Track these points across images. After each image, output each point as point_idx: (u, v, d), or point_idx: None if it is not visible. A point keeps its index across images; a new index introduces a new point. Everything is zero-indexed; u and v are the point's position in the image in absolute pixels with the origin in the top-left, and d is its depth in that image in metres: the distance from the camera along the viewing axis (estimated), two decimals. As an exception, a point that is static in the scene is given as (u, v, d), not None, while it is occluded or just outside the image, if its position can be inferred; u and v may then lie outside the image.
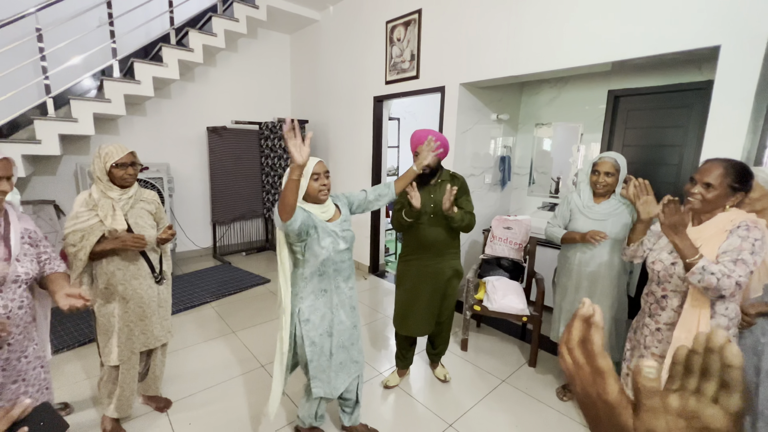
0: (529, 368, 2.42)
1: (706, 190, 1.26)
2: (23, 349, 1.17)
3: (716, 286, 1.15)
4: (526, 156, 3.78)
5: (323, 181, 1.46)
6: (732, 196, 1.25)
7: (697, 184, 1.28)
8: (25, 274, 1.15)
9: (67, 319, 2.85)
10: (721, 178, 1.24)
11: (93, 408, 1.96)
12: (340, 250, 1.51)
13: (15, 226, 1.16)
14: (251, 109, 4.79)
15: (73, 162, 3.60)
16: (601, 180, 1.91)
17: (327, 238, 1.47)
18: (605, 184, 1.91)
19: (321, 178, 1.46)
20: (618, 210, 1.91)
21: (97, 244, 1.52)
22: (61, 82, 3.16)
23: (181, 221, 4.44)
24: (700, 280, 1.17)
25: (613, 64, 2.27)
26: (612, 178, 1.90)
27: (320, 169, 1.46)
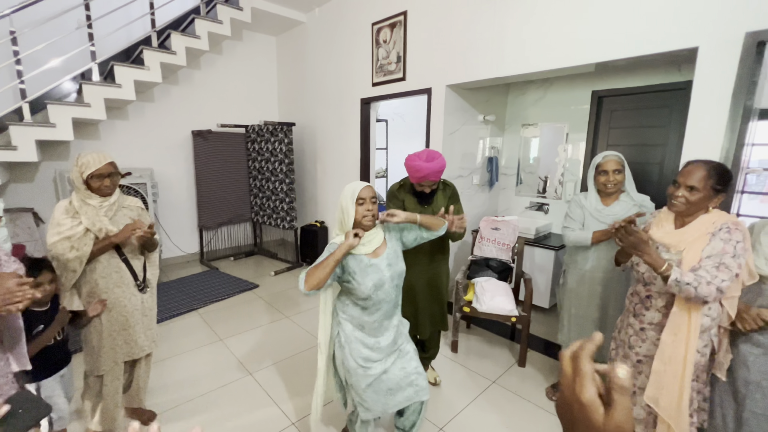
0: (518, 368, 2.43)
1: (690, 193, 1.27)
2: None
3: (696, 295, 1.17)
4: (513, 156, 3.81)
5: (368, 206, 1.37)
6: (714, 197, 1.27)
7: (680, 187, 1.29)
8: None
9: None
10: (704, 180, 1.25)
11: (76, 421, 1.90)
12: (386, 288, 1.39)
13: None
14: (237, 112, 4.73)
15: (52, 168, 3.50)
16: (612, 179, 1.84)
17: (368, 277, 1.36)
18: (615, 182, 1.84)
19: (366, 203, 1.37)
20: (631, 211, 1.82)
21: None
22: (38, 87, 3.07)
23: (167, 227, 4.36)
24: (678, 291, 1.20)
25: (596, 65, 2.30)
26: (621, 175, 1.84)
27: (366, 194, 1.37)
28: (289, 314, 3.17)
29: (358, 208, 1.36)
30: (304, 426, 1.91)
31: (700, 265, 1.22)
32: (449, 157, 3.22)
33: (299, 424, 1.92)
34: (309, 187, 4.80)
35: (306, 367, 2.42)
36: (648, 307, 1.39)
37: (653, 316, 1.37)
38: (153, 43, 3.50)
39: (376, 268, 1.38)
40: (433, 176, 1.80)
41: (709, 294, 1.16)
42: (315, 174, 4.66)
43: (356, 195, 1.36)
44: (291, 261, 4.53)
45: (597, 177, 1.91)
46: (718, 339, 1.33)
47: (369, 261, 1.38)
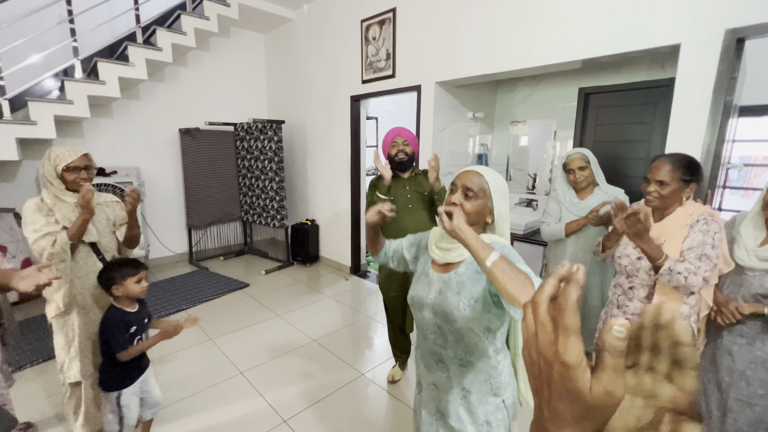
0: (509, 362, 2.45)
1: (661, 188, 1.33)
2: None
3: (685, 284, 1.22)
4: (502, 153, 3.84)
5: None
6: (686, 188, 1.32)
7: (651, 183, 1.35)
8: None
9: (29, 332, 2.69)
10: (671, 173, 1.31)
11: (59, 426, 1.86)
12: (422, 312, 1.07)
13: None
14: (225, 109, 4.67)
15: (34, 167, 3.41)
16: (578, 176, 1.93)
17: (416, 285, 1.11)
18: (583, 178, 1.93)
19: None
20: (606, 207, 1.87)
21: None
22: (18, 83, 2.98)
23: (154, 227, 4.29)
24: (669, 280, 1.25)
25: (583, 62, 2.34)
26: (587, 171, 1.93)
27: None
28: (279, 312, 3.15)
29: None
30: (296, 423, 1.90)
31: (683, 257, 1.26)
32: (439, 154, 3.24)
33: (291, 421, 1.91)
34: (299, 185, 4.77)
35: (297, 364, 2.41)
36: (631, 298, 1.42)
37: (636, 306, 1.40)
38: (138, 39, 3.44)
39: (427, 281, 1.04)
40: (403, 133, 2.01)
41: (697, 284, 1.21)
42: (305, 172, 4.63)
43: None
44: (282, 260, 4.50)
45: (567, 176, 2.00)
46: (697, 327, 1.37)
47: (428, 269, 1.06)
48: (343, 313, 3.17)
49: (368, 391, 2.18)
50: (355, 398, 2.12)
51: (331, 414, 1.97)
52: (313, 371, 2.34)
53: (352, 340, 2.75)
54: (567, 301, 0.31)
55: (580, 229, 1.94)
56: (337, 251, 4.34)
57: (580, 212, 1.95)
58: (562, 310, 0.31)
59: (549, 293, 0.33)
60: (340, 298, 3.50)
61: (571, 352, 0.30)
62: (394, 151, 2.02)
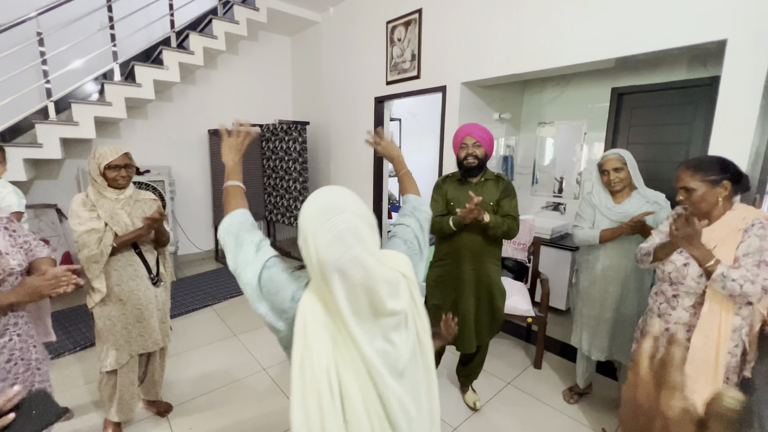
0: (534, 370, 2.38)
1: (689, 194, 1.28)
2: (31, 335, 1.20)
3: (741, 293, 1.14)
4: (528, 156, 3.75)
5: None
6: (718, 188, 1.24)
7: (679, 192, 1.31)
8: (18, 265, 1.13)
9: (68, 322, 2.84)
10: (692, 177, 1.27)
11: (95, 412, 1.94)
12: None
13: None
14: (252, 111, 4.79)
15: (75, 166, 3.60)
16: (613, 178, 1.83)
17: None
18: (618, 180, 1.82)
19: None
20: (643, 208, 1.76)
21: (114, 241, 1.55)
22: (63, 86, 3.16)
23: (183, 224, 4.44)
24: (723, 286, 1.17)
25: (616, 60, 2.25)
26: (623, 173, 1.82)
27: None
28: (301, 311, 3.19)
29: None
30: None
31: (739, 264, 1.18)
32: (464, 156, 3.20)
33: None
34: (322, 185, 4.81)
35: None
36: (674, 307, 1.34)
37: (680, 315, 1.32)
38: (172, 43, 3.58)
39: None
40: (476, 132, 1.76)
41: (755, 293, 1.13)
42: (328, 173, 4.67)
43: None
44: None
45: (601, 177, 1.90)
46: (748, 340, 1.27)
47: None
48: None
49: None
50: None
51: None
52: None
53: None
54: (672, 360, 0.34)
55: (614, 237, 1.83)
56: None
57: (615, 216, 1.84)
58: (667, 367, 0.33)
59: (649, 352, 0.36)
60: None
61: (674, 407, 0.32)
62: (462, 153, 1.78)
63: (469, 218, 1.63)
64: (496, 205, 1.80)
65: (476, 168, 1.78)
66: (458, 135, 1.83)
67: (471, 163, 1.77)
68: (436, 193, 1.91)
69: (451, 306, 1.86)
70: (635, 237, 1.79)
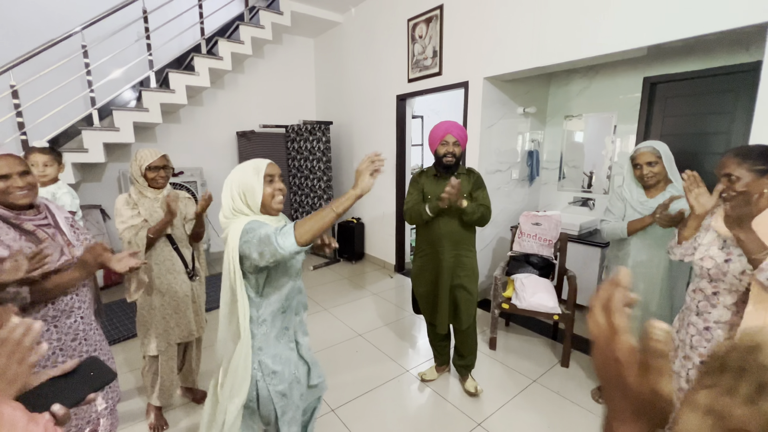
0: (561, 368, 2.33)
1: (732, 183, 1.21)
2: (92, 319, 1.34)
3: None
4: (555, 150, 3.65)
5: (279, 185, 1.18)
6: (765, 177, 1.17)
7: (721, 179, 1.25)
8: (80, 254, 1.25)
9: (113, 314, 3.05)
10: (738, 165, 1.20)
11: (138, 397, 2.09)
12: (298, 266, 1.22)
13: (59, 214, 1.26)
14: (278, 112, 4.92)
15: (116, 168, 3.84)
16: (646, 172, 1.75)
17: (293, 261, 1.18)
18: (652, 174, 1.75)
19: (276, 181, 1.17)
20: (678, 203, 1.67)
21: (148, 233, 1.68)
22: (105, 95, 3.39)
23: (214, 222, 4.63)
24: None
25: (648, 48, 2.16)
26: (657, 167, 1.74)
27: (275, 171, 1.18)
28: (327, 306, 3.27)
29: (266, 186, 1.13)
30: (343, 413, 1.96)
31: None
32: (487, 152, 3.16)
33: (339, 411, 1.98)
34: (346, 184, 4.90)
35: (344, 357, 2.48)
36: (714, 305, 1.28)
37: (720, 314, 1.27)
38: (202, 50, 3.74)
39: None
40: (455, 130, 1.89)
41: None
42: (352, 171, 4.74)
43: (263, 171, 1.13)
44: (329, 257, 4.65)
45: (634, 171, 1.83)
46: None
47: None
48: (387, 310, 3.21)
49: (412, 388, 2.19)
50: (399, 394, 2.14)
51: (376, 406, 2.01)
52: (359, 365, 2.41)
53: (396, 337, 2.77)
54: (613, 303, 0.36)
55: (644, 228, 1.77)
56: (381, 249, 4.40)
57: (647, 212, 1.77)
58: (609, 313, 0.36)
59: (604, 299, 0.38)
60: (385, 295, 3.54)
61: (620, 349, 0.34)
62: (443, 150, 1.90)
63: (448, 203, 1.76)
64: (470, 197, 1.94)
65: (453, 165, 1.92)
66: (438, 131, 1.92)
67: (450, 161, 1.90)
68: (412, 187, 2.06)
69: (431, 288, 2.03)
70: (668, 232, 1.72)
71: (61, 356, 1.21)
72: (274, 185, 1.17)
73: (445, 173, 1.95)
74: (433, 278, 2.02)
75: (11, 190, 1.10)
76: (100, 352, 1.34)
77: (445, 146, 1.90)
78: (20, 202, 1.12)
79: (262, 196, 1.14)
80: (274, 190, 1.16)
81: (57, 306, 1.19)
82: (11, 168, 1.10)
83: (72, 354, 1.23)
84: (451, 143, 1.89)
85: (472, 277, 2.01)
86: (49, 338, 1.18)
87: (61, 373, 0.61)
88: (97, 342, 1.33)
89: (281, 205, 1.19)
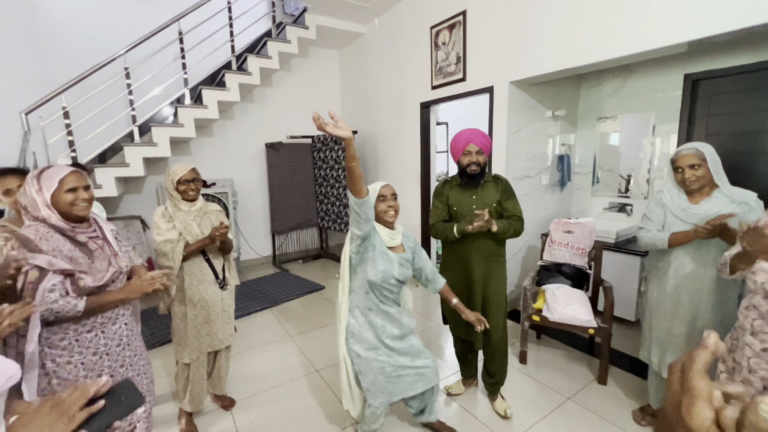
0: (598, 386, 2.19)
1: None
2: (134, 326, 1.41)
3: None
4: (588, 153, 3.49)
5: (390, 202, 1.51)
6: None
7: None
8: (125, 266, 1.33)
9: (151, 320, 3.20)
10: None
11: (172, 402, 2.16)
12: (391, 281, 1.51)
13: (106, 227, 1.35)
14: (304, 123, 5.04)
15: (155, 181, 4.07)
16: (688, 175, 1.61)
17: (382, 262, 1.49)
18: (695, 178, 1.60)
19: (388, 200, 1.51)
20: (726, 209, 1.54)
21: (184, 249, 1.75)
22: (144, 112, 3.61)
23: (245, 231, 4.79)
24: None
25: (689, 44, 2.02)
26: (701, 170, 1.58)
27: (387, 191, 1.51)
28: (352, 316, 3.26)
29: (379, 204, 1.49)
30: (367, 426, 1.94)
31: None
32: (514, 157, 3.07)
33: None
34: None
35: (369, 368, 2.46)
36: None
37: (777, 333, 1.14)
38: (233, 66, 3.91)
39: (389, 259, 1.51)
40: (477, 138, 1.82)
41: None
42: (376, 179, 4.76)
43: (377, 192, 1.49)
44: (354, 264, 4.66)
45: (675, 175, 1.68)
46: None
47: (386, 249, 1.52)
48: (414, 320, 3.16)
49: (438, 402, 2.13)
50: (425, 407, 2.09)
51: (402, 420, 1.97)
52: (384, 376, 2.37)
53: (422, 348, 2.72)
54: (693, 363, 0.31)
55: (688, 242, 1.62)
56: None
57: (691, 219, 1.62)
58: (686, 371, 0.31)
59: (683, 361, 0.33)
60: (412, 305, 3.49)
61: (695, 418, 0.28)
62: (466, 160, 1.83)
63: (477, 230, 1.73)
64: (498, 205, 1.86)
65: (479, 175, 1.84)
66: (459, 141, 1.86)
67: (474, 170, 1.82)
68: (437, 199, 1.97)
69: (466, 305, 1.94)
70: (716, 241, 1.58)
71: (107, 360, 1.27)
72: (386, 203, 1.50)
73: (470, 183, 1.88)
74: (461, 293, 1.92)
75: (77, 202, 1.20)
76: (140, 357, 1.40)
77: (468, 156, 1.83)
78: (81, 214, 1.22)
79: (375, 211, 1.47)
80: (386, 207, 1.50)
81: (105, 313, 1.27)
82: (78, 182, 1.21)
83: (116, 358, 1.30)
84: (474, 152, 1.82)
85: (502, 288, 1.93)
86: (96, 344, 1.25)
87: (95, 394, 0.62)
88: (138, 348, 1.40)
89: (392, 219, 1.52)
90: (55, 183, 1.17)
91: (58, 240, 1.18)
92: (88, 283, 1.18)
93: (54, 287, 1.11)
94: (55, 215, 1.18)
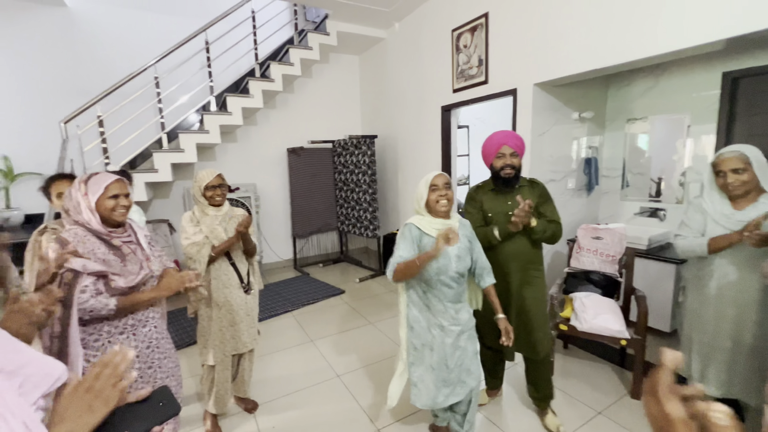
0: (631, 400, 2.09)
1: None
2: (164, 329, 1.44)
3: None
4: (616, 156, 3.37)
5: (441, 191, 1.46)
6: None
7: None
8: (157, 270, 1.38)
9: (177, 321, 3.28)
10: None
11: (197, 403, 2.20)
12: (450, 273, 1.47)
13: (140, 232, 1.40)
14: (325, 128, 5.10)
15: (181, 186, 4.20)
16: (731, 180, 1.51)
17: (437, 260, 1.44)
18: (739, 183, 1.50)
19: (440, 189, 1.46)
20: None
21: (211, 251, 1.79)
22: (172, 120, 3.74)
23: (267, 235, 4.87)
24: None
25: (727, 41, 1.91)
26: (746, 174, 1.49)
27: (440, 181, 1.47)
28: (372, 320, 3.25)
29: (430, 193, 1.46)
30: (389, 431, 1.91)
31: None
32: (538, 161, 2.99)
33: (384, 431, 1.93)
34: (390, 196, 4.91)
35: (389, 373, 2.43)
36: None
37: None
38: (256, 73, 4.00)
39: (445, 254, 1.45)
40: (511, 140, 1.75)
41: None
42: (396, 184, 4.75)
43: (429, 182, 1.47)
44: (374, 269, 4.66)
45: (716, 179, 1.59)
46: None
47: None
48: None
49: (462, 411, 2.08)
50: (448, 417, 2.04)
51: (425, 429, 1.93)
52: (405, 383, 2.34)
53: (444, 355, 2.67)
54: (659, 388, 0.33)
55: (731, 247, 1.53)
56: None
57: (733, 226, 1.53)
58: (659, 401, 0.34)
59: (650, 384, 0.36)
60: (431, 310, 3.45)
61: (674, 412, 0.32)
62: (500, 163, 1.74)
63: (519, 225, 1.65)
64: (535, 211, 1.77)
65: (513, 179, 1.76)
66: (492, 144, 1.78)
67: (509, 173, 1.75)
68: (470, 205, 1.89)
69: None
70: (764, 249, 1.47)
71: (137, 362, 1.31)
72: (438, 192, 1.46)
73: (504, 187, 1.79)
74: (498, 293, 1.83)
75: (117, 208, 1.26)
76: (169, 359, 1.43)
77: (502, 159, 1.74)
78: (119, 219, 1.28)
79: (426, 200, 1.47)
80: (437, 197, 1.46)
81: (135, 316, 1.31)
82: (120, 189, 1.27)
83: (145, 360, 1.33)
84: (508, 155, 1.74)
85: (543, 297, 1.84)
86: (128, 345, 1.28)
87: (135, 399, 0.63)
88: (167, 350, 1.43)
89: (445, 208, 1.47)
90: (102, 189, 1.23)
91: (93, 243, 1.22)
92: (120, 284, 1.22)
93: (86, 288, 1.16)
94: (95, 219, 1.23)
